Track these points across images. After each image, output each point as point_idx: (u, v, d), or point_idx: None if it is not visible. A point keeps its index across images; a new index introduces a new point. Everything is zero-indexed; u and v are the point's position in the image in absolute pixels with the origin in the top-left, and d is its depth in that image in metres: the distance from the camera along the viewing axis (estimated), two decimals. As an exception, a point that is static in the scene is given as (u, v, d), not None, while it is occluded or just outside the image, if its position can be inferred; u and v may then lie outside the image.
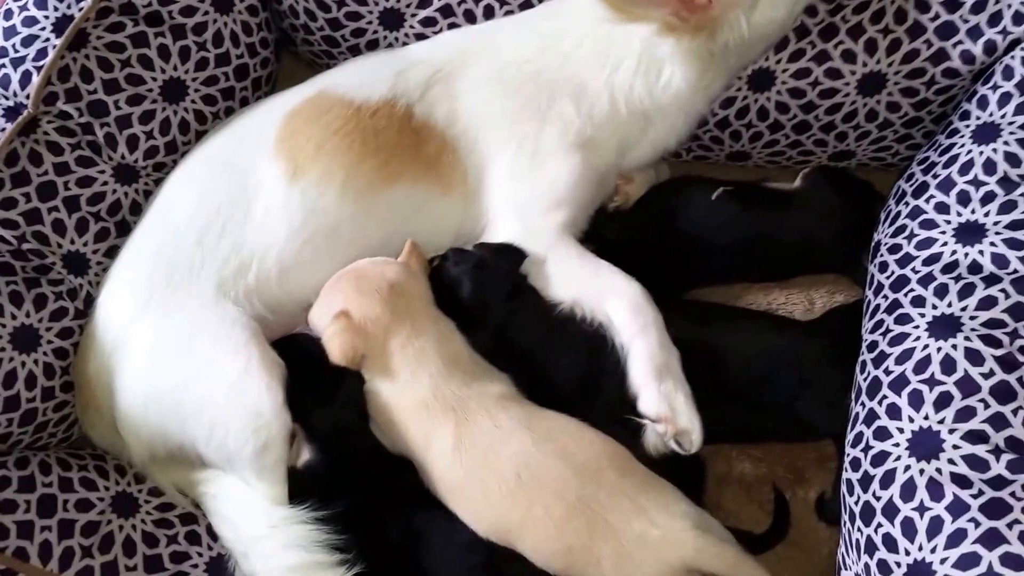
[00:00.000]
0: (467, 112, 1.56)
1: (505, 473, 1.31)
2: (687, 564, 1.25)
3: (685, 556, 1.25)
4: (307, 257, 1.51)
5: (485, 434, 1.34)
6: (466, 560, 1.35)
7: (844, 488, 1.32)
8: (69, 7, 1.55)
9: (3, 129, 1.49)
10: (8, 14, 1.56)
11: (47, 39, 1.53)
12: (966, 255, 1.33)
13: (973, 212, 1.36)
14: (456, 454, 1.34)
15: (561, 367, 1.47)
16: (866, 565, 1.20)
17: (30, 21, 1.54)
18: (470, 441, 1.34)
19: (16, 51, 1.53)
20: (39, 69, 1.52)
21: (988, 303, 1.26)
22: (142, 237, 1.56)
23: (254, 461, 1.38)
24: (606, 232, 1.65)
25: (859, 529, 1.23)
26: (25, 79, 1.51)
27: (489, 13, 1.70)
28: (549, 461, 1.31)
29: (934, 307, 1.30)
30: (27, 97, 1.51)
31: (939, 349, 1.24)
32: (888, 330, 1.35)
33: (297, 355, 1.44)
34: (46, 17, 1.54)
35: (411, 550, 1.38)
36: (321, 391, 1.43)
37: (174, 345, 1.44)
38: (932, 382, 1.22)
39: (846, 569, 1.28)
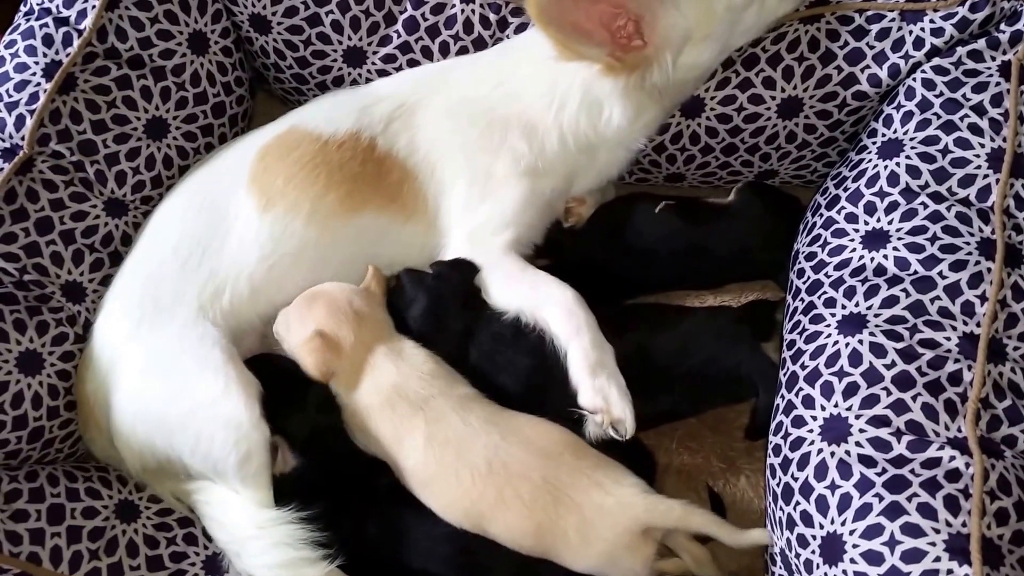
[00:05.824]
0: (426, 144, 1.61)
1: (478, 464, 1.40)
2: (641, 522, 1.36)
3: (638, 515, 1.36)
4: (275, 280, 1.57)
5: (455, 431, 1.42)
6: (441, 550, 1.42)
7: (767, 472, 1.38)
8: (57, 53, 1.61)
9: (1, 169, 1.54)
10: (0, 60, 1.63)
11: (38, 83, 1.59)
12: (872, 259, 1.39)
13: (879, 220, 1.42)
14: (428, 450, 1.42)
15: (516, 371, 1.53)
16: (787, 540, 1.27)
17: (21, 67, 1.60)
18: (442, 437, 1.42)
19: (10, 96, 1.58)
20: (32, 112, 1.57)
21: (891, 302, 1.33)
22: (132, 267, 1.61)
23: (239, 470, 1.44)
24: (564, 251, 1.71)
25: (781, 508, 1.30)
26: (19, 122, 1.57)
27: (445, 49, 1.76)
28: (516, 450, 1.40)
29: (843, 307, 1.37)
30: (22, 139, 1.57)
31: (847, 344, 1.31)
32: (804, 329, 1.41)
33: (267, 373, 1.50)
34: (36, 63, 1.60)
35: (389, 544, 1.45)
36: (294, 401, 1.49)
37: (161, 365, 1.50)
38: (841, 374, 1.29)
39: (771, 545, 1.36)
